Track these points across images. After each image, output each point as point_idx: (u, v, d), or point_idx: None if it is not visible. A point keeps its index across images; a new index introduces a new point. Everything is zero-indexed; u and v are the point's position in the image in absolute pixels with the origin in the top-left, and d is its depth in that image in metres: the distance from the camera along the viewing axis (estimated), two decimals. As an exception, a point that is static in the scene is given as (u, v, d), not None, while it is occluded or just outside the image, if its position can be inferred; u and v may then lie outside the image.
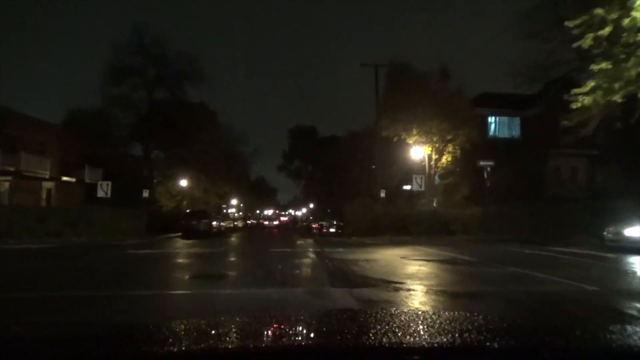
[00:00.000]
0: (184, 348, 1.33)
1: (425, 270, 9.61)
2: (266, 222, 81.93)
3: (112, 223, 22.40)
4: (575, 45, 15.61)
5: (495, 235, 19.93)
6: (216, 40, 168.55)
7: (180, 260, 12.10)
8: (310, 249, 16.25)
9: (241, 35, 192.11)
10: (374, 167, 39.78)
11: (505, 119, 30.45)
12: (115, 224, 22.57)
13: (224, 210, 63.11)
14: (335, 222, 30.94)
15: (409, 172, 27.00)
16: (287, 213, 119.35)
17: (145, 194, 28.98)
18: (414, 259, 12.00)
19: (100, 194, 22.22)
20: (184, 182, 40.00)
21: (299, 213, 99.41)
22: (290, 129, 70.55)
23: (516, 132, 30.55)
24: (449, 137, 22.68)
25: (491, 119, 30.00)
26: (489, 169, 20.06)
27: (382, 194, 28.13)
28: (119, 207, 25.05)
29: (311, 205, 78.41)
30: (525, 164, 27.21)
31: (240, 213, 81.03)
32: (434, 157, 23.36)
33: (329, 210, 58.88)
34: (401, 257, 12.49)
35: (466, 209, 21.40)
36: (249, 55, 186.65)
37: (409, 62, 23.47)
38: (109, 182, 22.70)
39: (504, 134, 30.33)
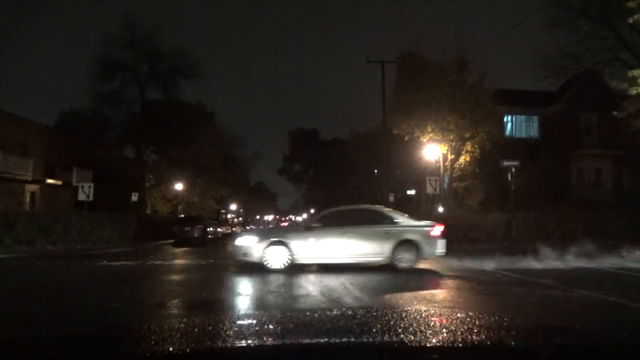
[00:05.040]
0: (183, 348, 1.32)
1: (471, 294, 7.41)
2: None
3: (94, 229, 20.19)
4: (632, 19, 13.66)
5: (521, 244, 17.68)
6: (214, 40, 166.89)
7: (154, 276, 9.90)
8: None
9: (240, 36, 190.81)
10: (376, 171, 37.82)
11: (522, 117, 28.32)
12: (98, 231, 20.37)
13: (223, 216, 61.10)
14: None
15: (421, 174, 24.86)
16: (287, 218, 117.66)
17: (134, 197, 26.82)
18: (447, 276, 9.80)
19: (82, 197, 20.03)
20: (179, 186, 38.01)
21: (299, 219, 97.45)
22: (291, 132, 68.53)
23: (534, 132, 28.41)
24: (467, 135, 20.50)
25: (507, 118, 27.84)
26: (513, 169, 17.84)
27: (391, 199, 25.99)
28: (107, 212, 22.93)
29: (312, 211, 76.29)
30: (547, 166, 25.06)
31: (240, 218, 79.09)
32: (449, 157, 21.17)
33: (331, 216, 56.38)
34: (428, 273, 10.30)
35: (488, 215, 19.15)
36: (249, 56, 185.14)
37: (423, 52, 21.28)
38: (91, 184, 20.52)
39: (522, 133, 28.18)
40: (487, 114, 20.06)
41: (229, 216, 69.15)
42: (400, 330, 1.47)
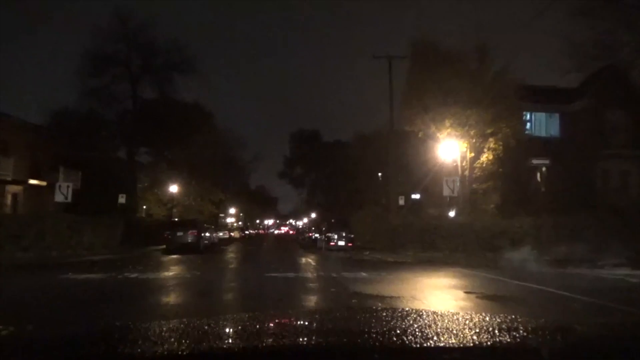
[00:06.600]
0: (183, 348, 1.27)
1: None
2: (277, 231, 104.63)
3: (73, 234, 18.18)
4: None
5: (553, 253, 15.59)
6: (214, 39, 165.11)
7: (117, 293, 7.85)
8: (321, 273, 11.95)
9: (240, 35, 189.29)
10: (380, 174, 35.77)
11: (542, 115, 26.23)
12: (77, 236, 18.35)
13: (222, 220, 59.04)
14: (344, 234, 26.68)
15: (431, 176, 22.81)
16: (288, 223, 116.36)
17: (122, 199, 24.77)
18: (487, 299, 7.69)
19: (59, 198, 18.05)
20: (174, 188, 35.96)
21: (300, 223, 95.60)
22: (292, 134, 66.42)
23: (555, 130, 26.31)
24: (489, 131, 18.45)
25: (527, 115, 25.75)
26: (544, 169, 15.79)
27: (401, 202, 23.97)
28: (93, 215, 20.97)
29: (313, 215, 74.27)
30: (570, 167, 22.99)
31: (240, 223, 77.07)
32: (468, 155, 19.11)
33: (333, 221, 54.51)
34: (465, 292, 8.20)
35: (515, 220, 17.04)
36: (249, 57, 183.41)
37: (438, 40, 19.30)
38: (70, 184, 18.58)
39: (542, 132, 26.07)
40: (512, 107, 18.01)
41: (228, 220, 67.14)
42: None
